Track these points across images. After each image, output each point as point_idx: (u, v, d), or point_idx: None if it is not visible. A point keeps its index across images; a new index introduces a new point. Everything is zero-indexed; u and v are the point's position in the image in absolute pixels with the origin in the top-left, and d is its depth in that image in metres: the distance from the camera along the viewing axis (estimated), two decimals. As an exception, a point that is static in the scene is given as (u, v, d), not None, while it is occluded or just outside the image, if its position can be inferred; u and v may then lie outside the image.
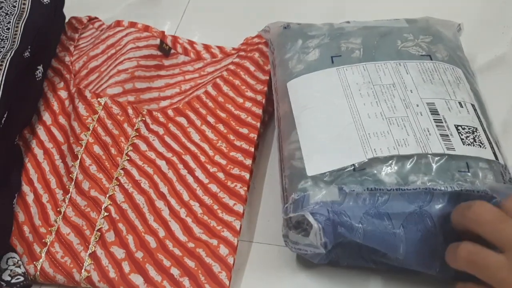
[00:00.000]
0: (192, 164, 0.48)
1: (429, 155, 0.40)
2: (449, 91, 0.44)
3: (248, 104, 0.52)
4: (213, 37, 0.60)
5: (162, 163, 0.49)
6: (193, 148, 0.50)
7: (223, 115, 0.52)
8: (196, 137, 0.50)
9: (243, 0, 0.65)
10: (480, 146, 0.41)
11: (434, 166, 0.40)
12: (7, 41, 0.51)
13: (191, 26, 0.63)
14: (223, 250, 0.43)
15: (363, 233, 0.39)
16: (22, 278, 0.43)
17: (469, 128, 0.42)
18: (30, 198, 0.49)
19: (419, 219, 0.39)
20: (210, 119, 0.52)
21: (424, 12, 0.56)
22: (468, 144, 0.41)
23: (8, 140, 0.50)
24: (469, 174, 0.39)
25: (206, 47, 0.59)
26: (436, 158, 0.40)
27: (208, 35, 0.61)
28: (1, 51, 0.50)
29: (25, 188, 0.49)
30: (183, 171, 0.48)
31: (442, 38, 0.49)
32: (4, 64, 0.49)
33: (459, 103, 0.43)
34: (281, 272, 0.45)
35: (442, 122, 0.42)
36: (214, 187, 0.47)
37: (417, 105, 0.43)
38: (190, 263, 0.43)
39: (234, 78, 0.54)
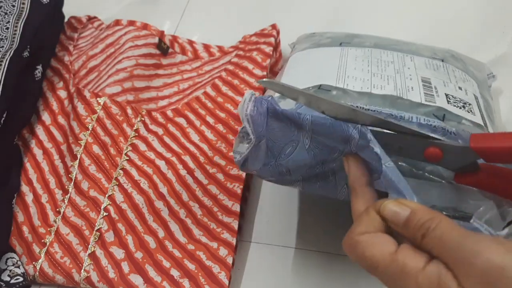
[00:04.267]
0: (191, 164, 0.48)
1: (404, 99, 0.37)
2: (451, 79, 0.41)
3: (247, 104, 0.52)
4: (213, 37, 0.60)
5: (161, 163, 0.49)
6: (192, 148, 0.50)
7: (222, 115, 0.52)
8: (195, 137, 0.50)
9: (243, 0, 0.65)
10: (469, 112, 0.37)
11: (406, 103, 0.37)
12: (6, 41, 0.51)
13: (190, 26, 0.63)
14: (223, 251, 0.44)
15: (310, 120, 0.35)
16: (21, 279, 0.43)
17: (461, 100, 0.38)
18: (29, 198, 0.49)
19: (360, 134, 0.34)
20: (210, 120, 0.51)
21: (424, 10, 0.55)
22: (455, 106, 0.37)
23: (7, 140, 0.50)
24: (441, 120, 0.35)
25: (205, 47, 0.59)
26: (409, 102, 0.37)
27: (207, 35, 0.60)
28: (0, 51, 0.50)
29: (24, 188, 0.49)
30: (183, 171, 0.48)
31: (465, 64, 0.45)
32: (3, 64, 0.49)
33: (459, 87, 0.40)
34: (280, 272, 0.45)
35: (431, 88, 0.39)
36: (213, 189, 0.47)
37: (410, 75, 0.40)
38: (191, 266, 0.43)
39: (233, 78, 0.54)
